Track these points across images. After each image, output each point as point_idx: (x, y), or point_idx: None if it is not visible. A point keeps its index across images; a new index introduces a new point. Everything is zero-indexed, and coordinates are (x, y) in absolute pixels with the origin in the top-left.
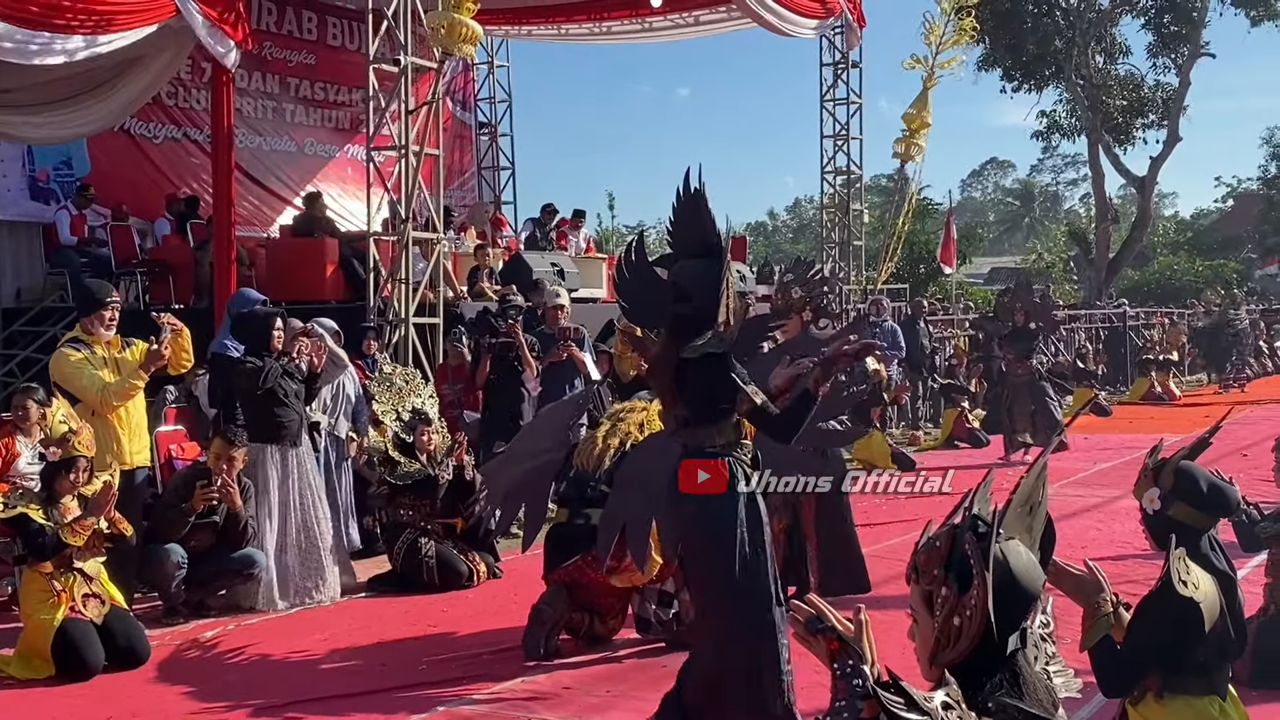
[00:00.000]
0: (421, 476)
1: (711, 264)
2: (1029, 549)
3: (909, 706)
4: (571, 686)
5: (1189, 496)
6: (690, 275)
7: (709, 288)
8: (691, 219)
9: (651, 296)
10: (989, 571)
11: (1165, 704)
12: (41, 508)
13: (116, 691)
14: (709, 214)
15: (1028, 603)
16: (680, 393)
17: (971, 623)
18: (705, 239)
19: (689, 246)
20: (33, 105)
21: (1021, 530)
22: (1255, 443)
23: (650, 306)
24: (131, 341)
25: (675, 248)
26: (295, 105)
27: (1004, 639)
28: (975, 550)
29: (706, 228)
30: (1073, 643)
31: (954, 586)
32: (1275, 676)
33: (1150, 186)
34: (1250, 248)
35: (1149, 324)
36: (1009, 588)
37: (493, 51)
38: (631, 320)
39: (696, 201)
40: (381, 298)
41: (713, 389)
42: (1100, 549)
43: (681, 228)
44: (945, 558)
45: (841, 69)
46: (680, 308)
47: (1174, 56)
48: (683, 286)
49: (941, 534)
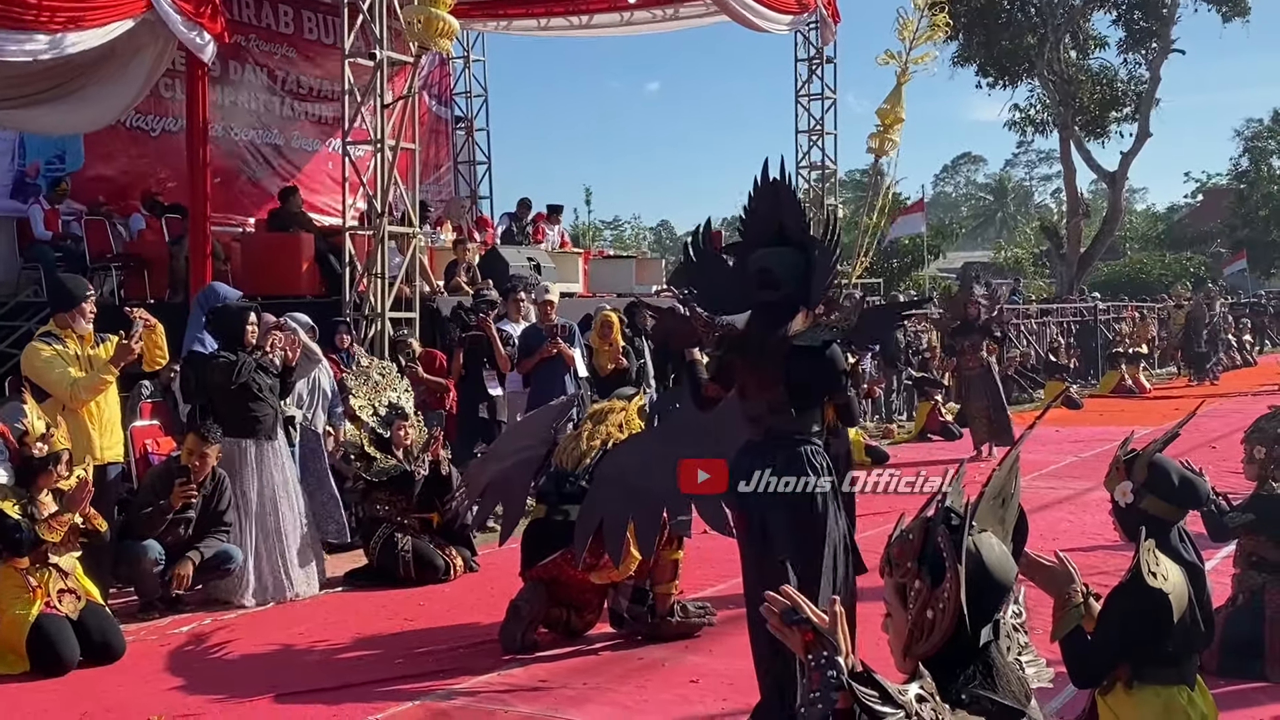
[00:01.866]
0: (398, 472)
1: (799, 253)
2: (1002, 541)
3: (883, 699)
4: (548, 679)
5: (1161, 490)
6: (778, 263)
7: (800, 276)
8: (769, 208)
9: (725, 283)
10: (961, 564)
11: (1134, 694)
12: (17, 503)
13: (91, 687)
14: (793, 204)
15: (1000, 594)
16: (781, 379)
17: (944, 615)
18: (786, 227)
19: (763, 235)
20: (20, 100)
21: (994, 522)
22: (1224, 435)
23: (723, 293)
24: (105, 337)
25: (748, 236)
26: (281, 99)
27: (977, 631)
28: (948, 543)
29: (790, 217)
30: (1044, 633)
31: (927, 579)
32: (1242, 666)
33: (1121, 181)
34: (1219, 242)
35: (1119, 318)
36: (982, 580)
37: (469, 46)
38: (701, 306)
39: (776, 191)
40: (357, 292)
41: (820, 376)
42: (1071, 540)
43: (757, 216)
44: (918, 551)
45: (816, 64)
46: (767, 295)
47: (1144, 52)
48: (771, 272)
49: (914, 527)
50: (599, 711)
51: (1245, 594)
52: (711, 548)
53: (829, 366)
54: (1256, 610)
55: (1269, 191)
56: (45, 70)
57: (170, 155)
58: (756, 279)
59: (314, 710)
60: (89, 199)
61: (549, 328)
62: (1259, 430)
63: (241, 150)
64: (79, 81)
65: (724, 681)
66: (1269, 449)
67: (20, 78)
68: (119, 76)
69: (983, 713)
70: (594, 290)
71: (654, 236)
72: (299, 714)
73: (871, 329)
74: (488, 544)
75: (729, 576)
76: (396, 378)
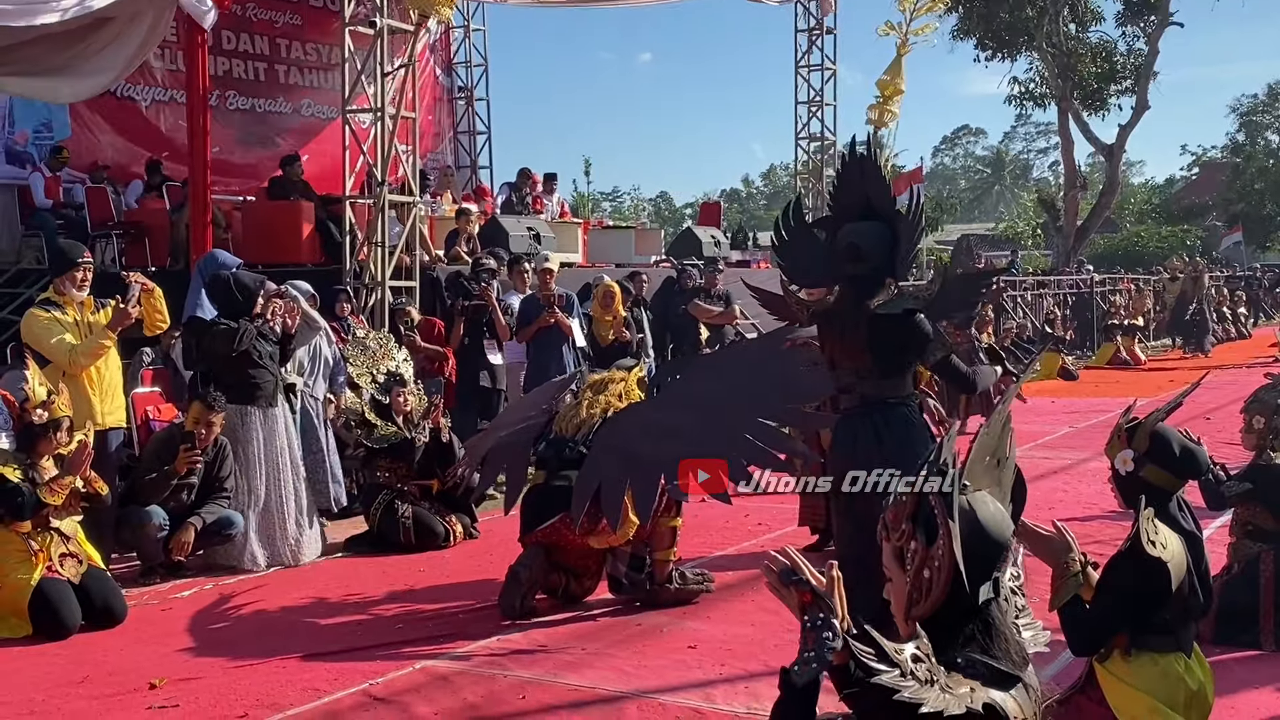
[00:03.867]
0: (398, 439)
1: (885, 227)
2: (999, 501)
3: (879, 657)
4: (547, 644)
5: (1162, 459)
6: (865, 237)
7: (886, 248)
8: (855, 183)
9: (814, 256)
10: (955, 520)
11: (1132, 661)
12: (19, 468)
13: (93, 651)
14: (878, 179)
15: (997, 550)
16: (869, 346)
17: (940, 573)
18: (872, 202)
19: (849, 209)
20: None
21: (990, 483)
22: (1219, 406)
23: (813, 265)
24: (105, 303)
25: (835, 210)
26: (287, 67)
27: (975, 589)
28: (939, 502)
29: (876, 192)
30: (1042, 602)
31: (922, 539)
32: (1238, 634)
33: (1118, 154)
34: (1215, 215)
35: (1115, 290)
36: (977, 537)
37: (469, 15)
38: (791, 278)
39: (862, 167)
40: (358, 261)
41: (905, 342)
42: (1068, 510)
43: (844, 191)
44: (912, 512)
45: (816, 35)
46: (856, 268)
47: (1142, 25)
48: (858, 247)
49: (907, 490)
50: (598, 676)
51: (1241, 563)
52: (710, 515)
53: (912, 332)
54: (1252, 579)
55: (1264, 165)
56: (40, 37)
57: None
58: (846, 253)
59: (315, 674)
60: (91, 167)
61: (547, 297)
62: (1258, 400)
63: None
64: (75, 48)
65: (722, 647)
66: (1268, 419)
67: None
68: (115, 45)
69: (978, 676)
70: (593, 260)
71: (653, 208)
72: (300, 678)
73: (956, 298)
74: (487, 511)
75: (727, 544)
76: (394, 347)
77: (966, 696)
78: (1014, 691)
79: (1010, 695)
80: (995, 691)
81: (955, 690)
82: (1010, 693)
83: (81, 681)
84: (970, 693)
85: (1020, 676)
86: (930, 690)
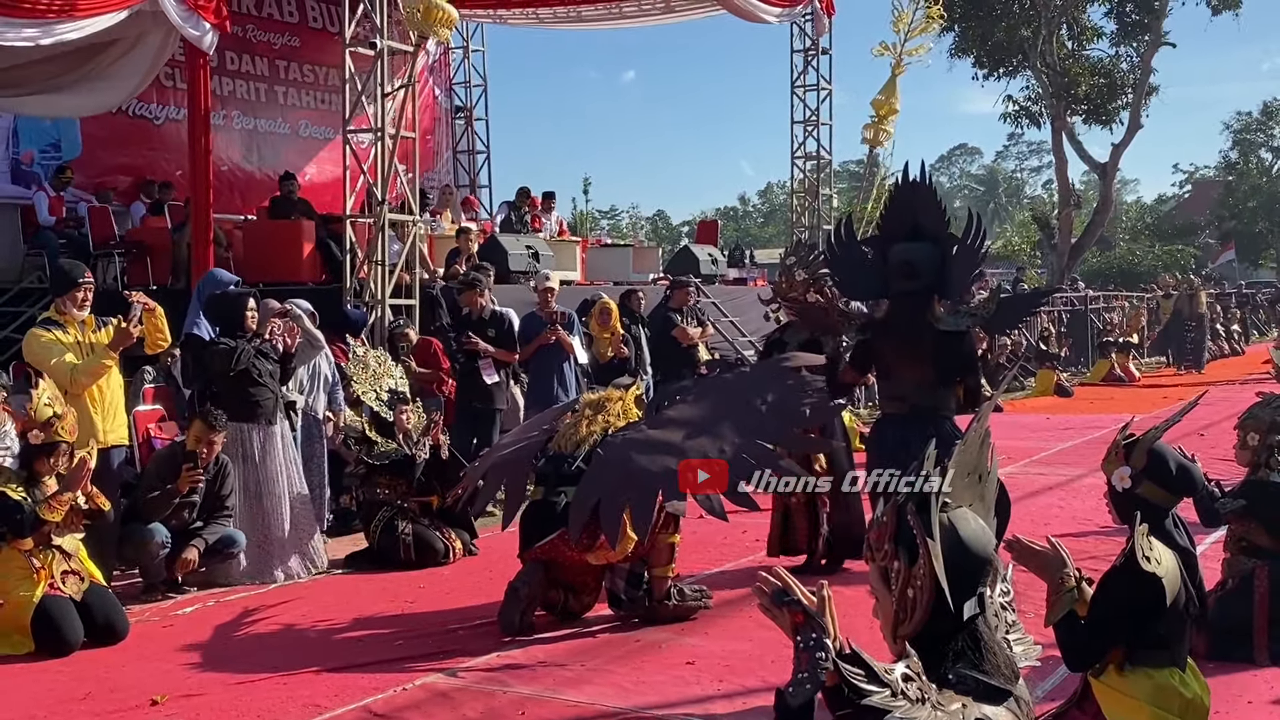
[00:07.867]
0: (398, 456)
1: (935, 247)
2: (983, 516)
3: (869, 678)
4: (546, 660)
5: (1158, 476)
6: (918, 256)
7: (937, 268)
8: (906, 205)
9: (865, 272)
10: (935, 540)
11: (1127, 676)
12: (21, 486)
13: (95, 667)
14: (931, 202)
15: (980, 567)
16: (930, 359)
17: (924, 592)
18: (922, 224)
19: (898, 230)
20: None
21: (973, 498)
22: (1213, 422)
23: (864, 280)
24: (107, 322)
25: (885, 229)
26: (286, 88)
27: (960, 606)
28: (917, 521)
29: (926, 214)
30: (1036, 617)
31: (904, 559)
32: (1233, 649)
33: (1112, 173)
34: (1208, 233)
35: (1110, 307)
36: (959, 553)
37: (468, 36)
38: (843, 291)
39: (915, 190)
40: (358, 279)
41: (960, 358)
42: (1062, 526)
43: (895, 212)
44: (894, 532)
45: (811, 55)
46: (909, 285)
47: (1135, 45)
48: (912, 264)
49: (887, 509)
50: (597, 692)
51: (1235, 578)
52: (708, 531)
53: (968, 350)
54: (1246, 594)
55: (1257, 184)
56: (49, 57)
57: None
58: (899, 270)
59: (316, 690)
60: (100, 186)
61: (548, 315)
62: (1253, 417)
63: (246, 137)
64: (84, 68)
65: (720, 663)
66: (1262, 435)
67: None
68: (124, 63)
69: (969, 691)
70: (591, 278)
71: (650, 226)
72: (301, 694)
73: (1010, 316)
74: (487, 527)
75: (725, 560)
76: (392, 365)
77: (959, 713)
78: (1006, 705)
79: (1002, 709)
80: (987, 706)
81: (947, 707)
82: (1002, 707)
83: (84, 698)
84: (962, 709)
85: (1011, 691)
86: (922, 709)
